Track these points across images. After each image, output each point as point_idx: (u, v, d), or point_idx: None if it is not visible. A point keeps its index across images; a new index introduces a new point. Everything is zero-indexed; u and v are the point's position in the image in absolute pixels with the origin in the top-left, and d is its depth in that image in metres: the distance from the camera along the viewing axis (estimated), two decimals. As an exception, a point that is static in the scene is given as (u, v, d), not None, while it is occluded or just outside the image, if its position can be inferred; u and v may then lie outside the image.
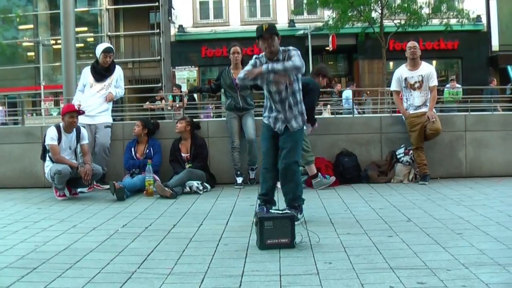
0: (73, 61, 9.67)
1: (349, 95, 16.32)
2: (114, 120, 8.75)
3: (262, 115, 5.72)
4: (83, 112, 7.55)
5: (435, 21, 23.26)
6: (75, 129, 7.40)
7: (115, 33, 28.65)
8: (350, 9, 22.46)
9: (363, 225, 5.25)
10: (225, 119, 8.41)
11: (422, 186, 7.66)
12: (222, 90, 8.44)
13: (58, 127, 7.35)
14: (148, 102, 14.82)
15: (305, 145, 7.38)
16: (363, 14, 22.51)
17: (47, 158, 7.38)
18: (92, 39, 28.53)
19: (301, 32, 24.51)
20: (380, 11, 22.53)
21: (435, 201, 6.44)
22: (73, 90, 9.02)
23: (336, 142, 8.34)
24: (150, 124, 8.17)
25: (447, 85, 17.95)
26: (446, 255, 4.09)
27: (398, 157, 8.15)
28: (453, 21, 23.09)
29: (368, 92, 20.35)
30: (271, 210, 5.14)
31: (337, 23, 22.79)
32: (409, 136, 8.06)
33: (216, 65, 25.67)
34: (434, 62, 23.59)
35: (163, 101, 15.31)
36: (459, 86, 18.46)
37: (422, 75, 7.98)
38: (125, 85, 8.85)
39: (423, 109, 7.94)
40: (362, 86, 23.78)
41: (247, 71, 5.29)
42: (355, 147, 8.36)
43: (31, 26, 29.25)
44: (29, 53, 30.11)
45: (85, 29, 28.30)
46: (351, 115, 9.60)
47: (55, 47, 27.58)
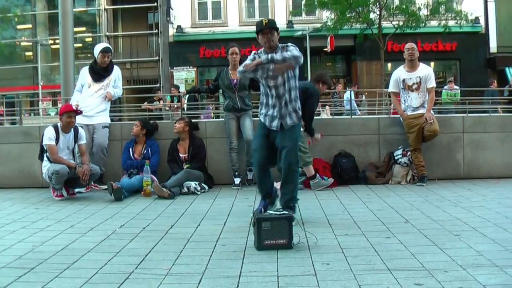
0: (71, 61, 9.68)
1: (351, 96, 16.42)
2: (112, 120, 8.76)
3: (258, 112, 5.69)
4: (80, 112, 7.55)
5: (433, 22, 23.31)
6: (73, 129, 7.40)
7: (113, 33, 28.63)
8: (349, 10, 22.51)
9: (361, 226, 5.25)
10: (223, 119, 8.41)
11: (420, 187, 7.65)
12: (220, 91, 8.44)
13: (56, 127, 7.34)
14: (146, 103, 14.83)
15: (302, 146, 7.37)
16: (361, 15, 22.55)
17: (45, 158, 7.37)
18: (90, 39, 28.52)
19: (299, 33, 24.51)
20: (378, 13, 22.59)
21: (432, 203, 6.44)
22: (71, 90, 9.02)
23: (334, 143, 8.33)
24: (149, 124, 8.16)
25: (445, 87, 17.99)
26: (444, 256, 4.10)
27: (396, 158, 8.14)
28: (451, 22, 23.13)
29: (367, 93, 20.38)
30: (268, 211, 5.14)
31: (335, 24, 22.83)
32: (407, 137, 8.06)
33: (215, 65, 25.65)
34: (432, 64, 23.57)
35: (161, 102, 15.32)
36: (457, 87, 18.46)
37: (420, 77, 7.98)
38: (123, 85, 8.84)
39: (421, 111, 7.94)
40: (360, 88, 23.76)
41: (246, 64, 5.30)
42: (353, 148, 8.36)
43: (30, 26, 29.23)
44: (27, 53, 30.07)
45: (83, 29, 28.29)
46: (349, 116, 9.61)
47: (53, 47, 27.55)
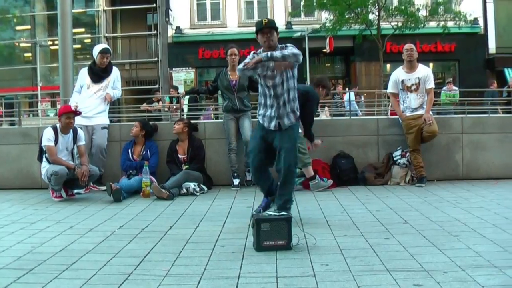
0: (70, 62, 9.68)
1: (352, 97, 16.45)
2: (111, 121, 8.76)
3: (257, 113, 5.65)
4: (79, 113, 7.54)
5: (432, 23, 23.29)
6: (71, 130, 7.39)
7: (112, 34, 28.58)
8: (348, 11, 22.50)
9: (359, 227, 5.25)
10: (222, 120, 8.41)
11: (418, 188, 7.66)
12: (219, 92, 8.44)
13: (54, 128, 7.33)
14: (145, 104, 14.82)
15: (301, 147, 7.37)
16: (360, 16, 22.55)
17: (44, 159, 7.37)
18: (89, 40, 28.50)
19: (298, 34, 24.49)
20: (377, 13, 22.57)
21: (431, 203, 6.44)
22: (70, 91, 9.03)
23: (333, 144, 8.33)
24: (149, 126, 8.16)
25: (444, 88, 17.98)
26: (443, 257, 4.10)
27: (395, 159, 8.15)
28: (450, 23, 23.12)
29: (365, 94, 20.39)
30: (267, 212, 5.14)
31: (334, 25, 22.81)
32: (405, 138, 8.07)
33: (213, 66, 25.63)
34: (431, 65, 23.64)
35: (160, 103, 15.31)
36: (456, 88, 18.46)
37: (419, 78, 7.99)
38: (122, 86, 8.83)
39: (419, 112, 7.95)
40: (359, 88, 23.73)
41: (246, 61, 5.30)
42: (352, 149, 8.36)
43: (29, 27, 29.18)
44: (26, 54, 30.03)
45: (82, 30, 28.25)
46: (348, 117, 9.60)
47: (52, 48, 27.50)
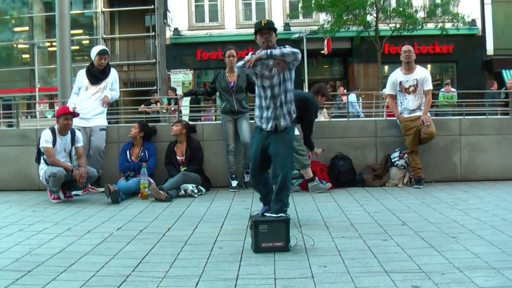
0: (68, 63, 9.67)
1: (353, 99, 16.46)
2: (109, 123, 8.75)
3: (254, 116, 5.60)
4: (77, 115, 7.54)
5: (430, 25, 23.32)
6: (69, 132, 7.39)
7: (110, 36, 28.55)
8: (345, 13, 22.50)
9: (358, 228, 5.25)
10: (220, 122, 8.41)
11: (416, 189, 7.66)
12: (218, 93, 8.45)
13: (53, 130, 7.33)
14: (144, 105, 14.81)
15: (300, 149, 7.38)
16: (358, 18, 22.56)
17: (42, 160, 7.36)
18: (87, 41, 28.45)
19: (296, 35, 24.51)
20: (375, 15, 22.59)
21: (429, 205, 6.45)
22: (68, 92, 9.02)
23: (331, 145, 8.32)
24: (148, 127, 8.16)
25: (442, 89, 17.99)
26: (441, 258, 4.10)
27: (393, 160, 8.16)
28: (448, 25, 23.14)
29: (363, 96, 20.39)
30: (265, 214, 5.14)
31: (332, 26, 22.82)
32: (403, 140, 8.07)
33: (211, 68, 25.64)
34: (429, 66, 23.62)
35: (158, 104, 15.31)
36: (454, 90, 18.47)
37: (416, 79, 8.00)
38: (120, 88, 8.83)
39: (417, 113, 7.95)
40: (353, 89, 23.71)
41: (246, 59, 5.30)
42: (350, 151, 8.37)
43: (27, 28, 29.15)
44: (24, 55, 29.98)
45: (80, 31, 28.20)
46: (346, 119, 9.59)
47: (50, 49, 27.45)
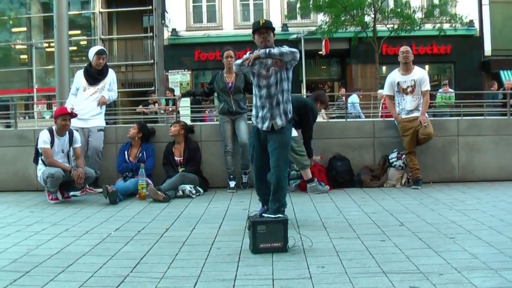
0: (66, 64, 9.66)
1: (355, 100, 16.46)
2: (107, 123, 8.74)
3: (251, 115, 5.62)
4: (75, 115, 7.54)
5: (428, 25, 23.32)
6: (67, 132, 7.39)
7: (108, 37, 28.55)
8: (343, 13, 22.50)
9: (355, 229, 5.25)
10: (218, 123, 8.41)
11: (414, 190, 7.67)
12: (215, 94, 8.45)
13: (50, 130, 7.33)
14: (141, 106, 14.79)
15: (299, 150, 7.39)
16: (356, 19, 22.56)
17: (40, 161, 7.36)
18: (85, 42, 28.43)
19: (294, 36, 24.51)
20: (373, 16, 22.60)
21: (427, 206, 6.45)
22: (66, 93, 9.01)
23: (329, 146, 8.34)
24: (146, 128, 8.15)
25: (440, 90, 18.00)
26: (439, 259, 4.11)
27: (391, 161, 8.16)
28: (446, 26, 23.15)
29: (361, 96, 20.40)
30: (264, 214, 5.14)
31: (330, 27, 22.82)
32: (401, 140, 8.07)
33: (209, 69, 25.63)
34: (426, 67, 23.66)
35: (156, 105, 15.28)
36: (452, 90, 18.49)
37: (414, 80, 8.00)
38: (118, 89, 8.82)
39: (415, 114, 7.95)
40: (354, 91, 23.73)
41: (245, 57, 5.32)
42: (348, 152, 8.37)
43: (24, 28, 29.12)
44: (22, 56, 29.98)
45: (78, 32, 28.18)
46: (344, 119, 9.61)
47: (48, 50, 27.45)
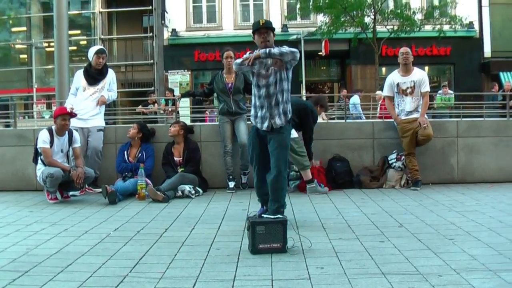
0: (66, 64, 9.66)
1: (356, 101, 16.46)
2: (106, 123, 8.74)
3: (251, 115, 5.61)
4: (75, 115, 7.54)
5: (428, 27, 23.31)
6: (67, 132, 7.39)
7: (108, 36, 28.55)
8: (343, 14, 22.50)
9: (355, 230, 5.25)
10: (217, 123, 8.41)
11: (414, 191, 7.67)
12: (215, 95, 8.45)
13: (50, 130, 7.32)
14: (141, 106, 14.79)
15: (300, 150, 7.40)
16: (356, 20, 22.56)
17: (39, 161, 7.36)
18: (85, 42, 28.42)
19: (294, 37, 24.51)
20: (373, 17, 22.59)
21: (426, 207, 6.45)
22: (65, 93, 9.01)
23: (329, 147, 8.34)
24: (146, 129, 8.15)
25: (439, 91, 18.02)
26: (438, 260, 4.11)
27: (390, 162, 8.16)
28: (445, 27, 23.15)
29: (362, 97, 20.40)
30: (263, 215, 5.14)
31: (330, 28, 22.82)
32: (401, 141, 8.08)
33: (209, 69, 25.64)
34: (426, 68, 23.65)
35: (155, 105, 15.28)
36: (451, 92, 18.52)
37: (414, 81, 8.00)
38: (117, 89, 8.82)
39: (414, 115, 7.95)
40: (355, 92, 23.75)
41: (245, 57, 5.32)
42: (347, 152, 8.37)
43: (24, 28, 29.12)
44: (21, 56, 29.97)
45: (78, 32, 28.17)
46: (343, 120, 9.62)
47: (48, 49, 27.45)
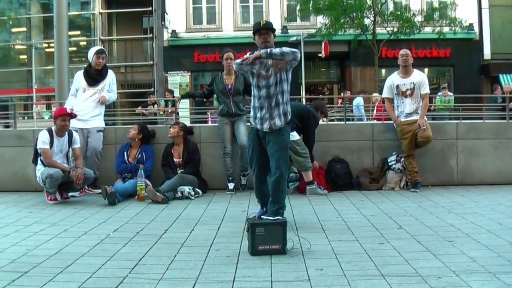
0: (66, 64, 9.67)
1: (360, 102, 16.48)
2: (106, 124, 8.74)
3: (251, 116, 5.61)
4: (75, 116, 7.54)
5: (428, 29, 23.32)
6: (67, 133, 7.39)
7: (108, 37, 28.56)
8: (343, 16, 22.50)
9: (354, 232, 5.25)
10: (217, 124, 8.42)
11: (413, 193, 7.66)
12: (215, 96, 8.45)
13: (50, 131, 7.33)
14: (141, 107, 14.80)
15: (302, 152, 7.42)
16: (355, 21, 22.55)
17: (39, 161, 7.36)
18: (85, 42, 28.44)
19: (294, 38, 24.53)
20: (372, 18, 22.60)
21: (426, 209, 6.45)
22: (65, 93, 9.01)
23: (328, 149, 8.34)
24: (147, 130, 8.15)
25: (439, 93, 18.02)
26: (437, 262, 4.11)
27: (390, 164, 8.16)
28: (445, 29, 23.16)
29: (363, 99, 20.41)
30: (262, 216, 5.14)
31: (329, 30, 22.83)
32: (400, 143, 8.08)
33: (209, 70, 25.68)
34: (426, 70, 23.63)
35: (155, 106, 15.28)
36: (451, 94, 18.51)
37: (414, 83, 8.00)
38: (117, 90, 8.83)
39: (414, 117, 7.96)
40: (354, 93, 23.77)
41: (246, 56, 5.31)
42: (347, 154, 8.38)
43: (24, 29, 29.15)
44: (21, 56, 29.99)
45: (78, 32, 28.18)
46: (343, 122, 9.62)
47: (47, 50, 27.46)
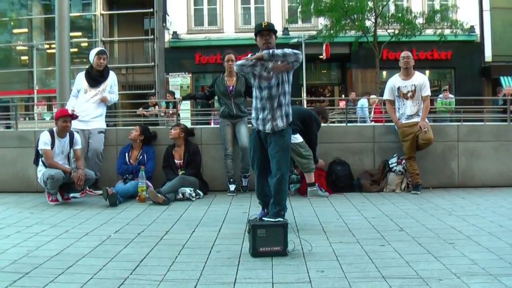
0: (67, 65, 9.66)
1: (364, 104, 16.48)
2: (107, 125, 8.74)
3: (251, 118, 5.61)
4: (76, 117, 7.55)
5: (429, 31, 23.31)
6: (68, 134, 7.40)
7: (109, 39, 28.55)
8: (344, 18, 22.50)
9: (355, 233, 5.26)
10: (218, 126, 8.42)
11: (414, 195, 7.67)
12: (216, 98, 8.46)
13: (51, 132, 7.33)
14: (142, 108, 14.81)
15: (306, 154, 7.42)
16: (356, 23, 22.55)
17: (40, 162, 7.37)
18: (86, 44, 28.45)
19: (295, 40, 24.50)
20: (374, 20, 22.59)
21: (427, 211, 6.45)
22: (66, 94, 9.01)
23: (329, 150, 8.34)
24: (148, 131, 8.16)
25: (440, 95, 18.02)
26: (438, 264, 4.11)
27: (391, 166, 8.16)
28: (446, 31, 23.14)
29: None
30: (264, 218, 5.14)
31: (331, 31, 22.83)
32: (401, 145, 8.08)
33: (210, 72, 25.67)
34: (427, 72, 23.62)
35: (156, 107, 15.29)
36: (452, 96, 18.52)
37: (415, 85, 8.01)
38: (118, 91, 8.83)
39: (415, 119, 7.96)
40: (358, 95, 23.74)
41: (247, 57, 5.32)
42: (348, 156, 8.38)
43: (25, 30, 29.15)
44: (23, 57, 29.96)
45: (79, 34, 28.16)
46: (344, 124, 9.61)
47: (49, 51, 27.44)
